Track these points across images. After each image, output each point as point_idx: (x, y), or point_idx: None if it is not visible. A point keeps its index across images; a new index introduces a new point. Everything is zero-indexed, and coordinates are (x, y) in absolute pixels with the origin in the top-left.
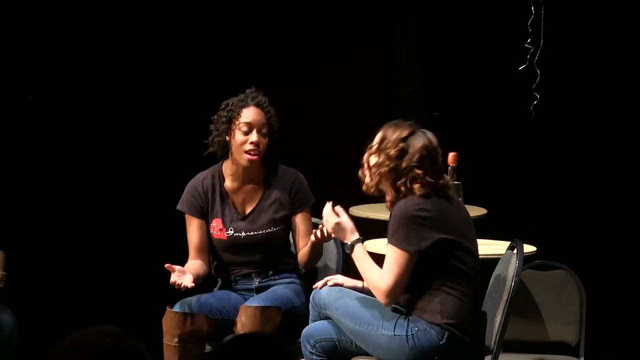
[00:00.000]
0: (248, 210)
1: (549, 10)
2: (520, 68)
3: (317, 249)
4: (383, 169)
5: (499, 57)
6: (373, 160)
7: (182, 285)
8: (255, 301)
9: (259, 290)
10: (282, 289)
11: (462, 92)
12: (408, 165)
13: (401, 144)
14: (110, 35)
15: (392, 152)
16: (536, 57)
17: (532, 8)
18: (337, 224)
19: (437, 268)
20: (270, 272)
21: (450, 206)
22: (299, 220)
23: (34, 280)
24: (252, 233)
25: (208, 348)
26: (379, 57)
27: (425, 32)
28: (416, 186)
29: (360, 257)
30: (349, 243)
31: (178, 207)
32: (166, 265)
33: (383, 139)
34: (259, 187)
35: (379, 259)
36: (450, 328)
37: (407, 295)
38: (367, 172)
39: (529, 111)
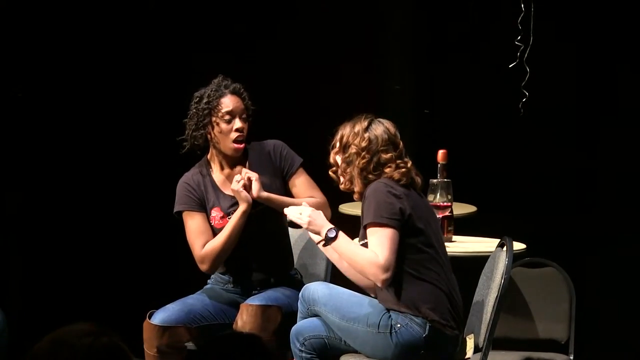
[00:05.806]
0: None
1: (538, 8)
2: (510, 66)
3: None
4: (352, 165)
5: (489, 55)
6: (339, 159)
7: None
8: (256, 300)
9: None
10: (281, 291)
11: (452, 90)
12: (374, 154)
13: (363, 135)
14: (99, 31)
15: (356, 146)
16: (526, 55)
17: (522, 5)
18: (310, 221)
19: (411, 254)
20: (272, 280)
21: (416, 194)
22: (296, 182)
23: (24, 278)
24: (253, 210)
25: (191, 345)
26: (369, 54)
27: (415, 30)
28: (386, 171)
29: (346, 241)
30: (328, 233)
31: (176, 210)
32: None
33: (342, 137)
34: (245, 168)
35: None
36: (431, 313)
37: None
38: (339, 172)
39: (517, 109)
